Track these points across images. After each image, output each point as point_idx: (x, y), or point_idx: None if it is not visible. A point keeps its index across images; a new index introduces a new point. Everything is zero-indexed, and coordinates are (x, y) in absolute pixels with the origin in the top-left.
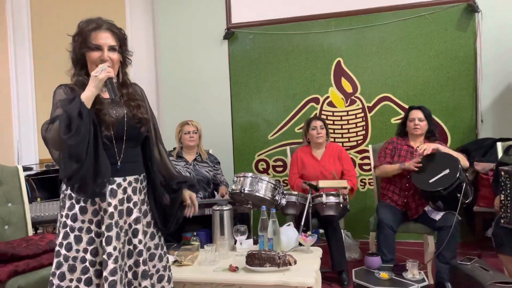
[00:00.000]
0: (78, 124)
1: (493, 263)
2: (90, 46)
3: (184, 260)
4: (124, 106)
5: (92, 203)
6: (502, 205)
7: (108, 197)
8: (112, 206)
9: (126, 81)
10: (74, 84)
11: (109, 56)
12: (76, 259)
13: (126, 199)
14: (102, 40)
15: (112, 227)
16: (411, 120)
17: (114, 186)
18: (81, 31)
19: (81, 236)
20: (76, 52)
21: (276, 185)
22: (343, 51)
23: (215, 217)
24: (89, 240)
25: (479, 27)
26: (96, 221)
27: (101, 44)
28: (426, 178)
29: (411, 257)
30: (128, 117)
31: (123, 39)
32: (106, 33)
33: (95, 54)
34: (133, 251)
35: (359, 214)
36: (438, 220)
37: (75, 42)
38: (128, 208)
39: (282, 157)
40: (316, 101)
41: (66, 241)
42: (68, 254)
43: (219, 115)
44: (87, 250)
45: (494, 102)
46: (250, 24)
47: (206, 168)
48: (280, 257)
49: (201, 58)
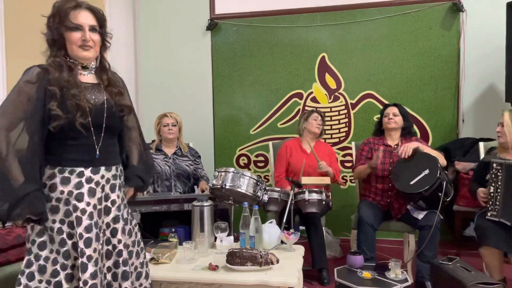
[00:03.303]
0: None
1: (472, 263)
2: (69, 25)
3: (161, 258)
4: (104, 92)
5: (65, 203)
6: (490, 197)
7: (87, 197)
8: (91, 205)
9: (105, 66)
10: (49, 65)
11: (91, 36)
12: (48, 260)
13: (104, 198)
14: (83, 19)
15: (91, 228)
16: (386, 115)
17: (92, 185)
18: (59, 10)
19: (53, 236)
20: (53, 33)
21: (258, 181)
22: (328, 46)
23: (195, 213)
24: (61, 241)
25: (463, 27)
26: (68, 222)
27: (81, 24)
28: (407, 180)
29: (391, 255)
30: (108, 103)
31: (102, 19)
32: (87, 12)
33: (76, 34)
34: (112, 252)
35: (340, 211)
36: (421, 219)
37: (52, 22)
38: (106, 207)
39: (264, 152)
40: (299, 96)
41: (40, 239)
42: (40, 253)
43: (200, 108)
44: (59, 251)
45: (476, 102)
46: (234, 16)
47: (187, 162)
48: (262, 256)
49: (183, 49)
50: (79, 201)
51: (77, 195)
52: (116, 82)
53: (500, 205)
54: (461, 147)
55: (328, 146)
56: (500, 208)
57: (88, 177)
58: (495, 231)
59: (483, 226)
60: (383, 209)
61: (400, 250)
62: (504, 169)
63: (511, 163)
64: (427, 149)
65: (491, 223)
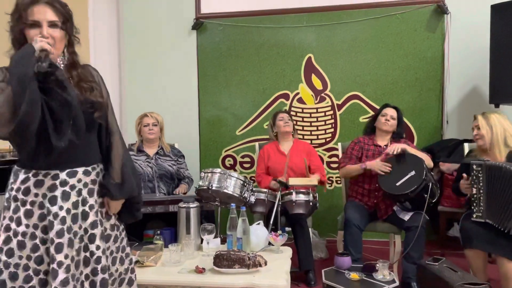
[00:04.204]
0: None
1: (457, 263)
2: (27, 22)
3: (146, 261)
4: (75, 88)
5: (40, 206)
6: (474, 199)
7: (60, 200)
8: (64, 210)
9: (75, 62)
10: None
11: (49, 33)
12: (19, 267)
13: (81, 202)
14: (40, 15)
15: (63, 233)
16: (384, 115)
17: (67, 188)
18: (18, 7)
19: (24, 242)
20: (14, 31)
21: (245, 182)
22: (314, 47)
23: (181, 215)
24: (33, 246)
25: (447, 29)
26: (42, 227)
27: (38, 20)
28: (393, 181)
29: (377, 256)
30: (78, 100)
31: (67, 14)
32: (45, 7)
33: (34, 31)
34: (90, 258)
35: (326, 212)
36: (407, 220)
37: (12, 20)
38: (83, 211)
39: (250, 153)
40: (285, 97)
41: (7, 246)
42: (9, 260)
43: (185, 108)
44: (30, 257)
45: (460, 104)
46: (220, 15)
47: (169, 162)
48: (250, 258)
49: (168, 48)
50: (52, 205)
51: (50, 198)
52: (88, 77)
53: (484, 206)
54: (446, 148)
55: (306, 144)
56: (484, 209)
57: (63, 180)
58: (480, 232)
59: (468, 228)
60: (370, 210)
61: (386, 251)
62: (484, 169)
63: (491, 163)
64: (414, 151)
65: (475, 225)
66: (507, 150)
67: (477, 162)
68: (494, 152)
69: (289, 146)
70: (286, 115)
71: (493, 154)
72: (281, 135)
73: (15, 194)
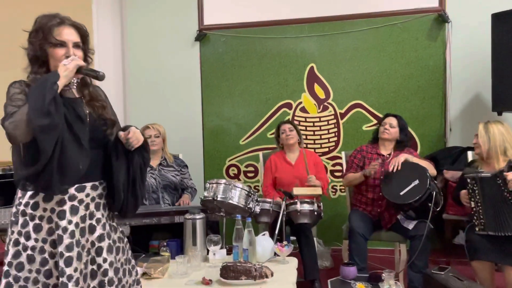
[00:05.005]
0: (52, 108)
1: (462, 271)
2: (53, 42)
3: (153, 273)
4: (86, 106)
5: (48, 221)
6: (474, 212)
7: (69, 215)
8: (73, 224)
9: (87, 81)
10: (31, 81)
11: (74, 53)
12: (28, 280)
13: (88, 216)
14: (67, 36)
15: (73, 246)
16: (383, 124)
17: (75, 203)
18: (42, 27)
19: (34, 255)
20: (36, 49)
21: (249, 192)
22: (316, 57)
23: (187, 226)
24: (42, 260)
25: (449, 37)
26: (50, 241)
27: (65, 40)
28: (397, 190)
29: (382, 265)
30: (91, 117)
31: (85, 36)
32: (70, 29)
33: (60, 51)
34: (97, 271)
35: (330, 221)
36: (411, 229)
37: (35, 38)
38: (90, 225)
39: (254, 162)
40: (288, 106)
41: (16, 261)
42: (19, 274)
43: (189, 118)
44: (40, 271)
45: (463, 111)
46: (222, 26)
47: (172, 172)
48: (256, 269)
49: (172, 59)
50: (61, 219)
51: (59, 212)
52: (98, 96)
53: (484, 218)
54: (449, 156)
55: (314, 155)
56: (485, 221)
57: (71, 194)
58: (485, 244)
59: (473, 240)
60: (374, 219)
61: (391, 260)
62: (478, 182)
63: (483, 175)
64: (417, 159)
65: (480, 237)
66: (507, 160)
67: (470, 176)
68: (493, 161)
69: (296, 156)
70: (287, 126)
71: (492, 163)
72: (286, 146)
73: (24, 208)
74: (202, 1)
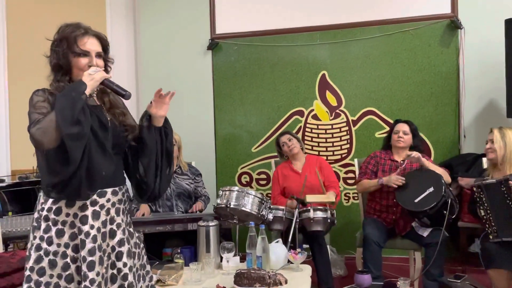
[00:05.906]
0: (82, 117)
1: (479, 279)
2: (77, 51)
3: (168, 280)
4: (107, 113)
5: (71, 225)
6: (485, 220)
7: (91, 219)
8: (95, 228)
9: (106, 89)
10: (55, 90)
11: (97, 62)
12: (49, 285)
13: (109, 221)
14: (91, 46)
15: (95, 251)
16: (396, 132)
17: (97, 208)
18: (67, 36)
19: (56, 260)
20: (59, 58)
21: (262, 199)
22: (328, 64)
23: (201, 233)
24: (64, 265)
25: (461, 43)
26: (73, 245)
27: (89, 50)
28: (411, 197)
29: (397, 273)
30: (113, 124)
31: (106, 45)
32: (94, 39)
33: (83, 60)
34: (117, 275)
35: (343, 229)
36: (426, 237)
37: (58, 47)
38: (111, 230)
39: (266, 170)
40: (300, 113)
41: (38, 266)
42: (40, 279)
43: (201, 126)
44: (61, 276)
45: (477, 118)
46: (234, 35)
47: (187, 180)
48: (270, 277)
49: (184, 68)
50: (83, 224)
51: (82, 217)
52: (118, 103)
53: (496, 225)
54: (464, 163)
55: (318, 159)
56: (497, 228)
57: (93, 199)
58: (500, 251)
59: (488, 249)
60: (388, 226)
61: (406, 268)
62: (483, 189)
63: (487, 182)
64: (432, 166)
65: (495, 245)
66: None
67: (476, 184)
68: (505, 167)
69: (302, 164)
70: (286, 138)
71: (504, 170)
72: (291, 156)
73: (47, 214)
74: (214, 10)
